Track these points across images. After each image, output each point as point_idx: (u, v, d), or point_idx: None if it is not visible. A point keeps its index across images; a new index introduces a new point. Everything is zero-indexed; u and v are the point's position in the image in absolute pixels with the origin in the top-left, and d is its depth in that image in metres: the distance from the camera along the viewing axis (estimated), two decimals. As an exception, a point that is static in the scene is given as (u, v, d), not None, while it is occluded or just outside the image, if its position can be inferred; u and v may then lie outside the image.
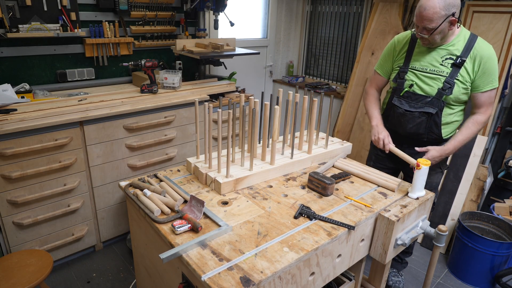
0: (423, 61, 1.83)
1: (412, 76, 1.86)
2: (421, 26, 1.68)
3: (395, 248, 1.46)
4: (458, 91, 1.77)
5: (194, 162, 1.67)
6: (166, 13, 3.08)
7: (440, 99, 1.78)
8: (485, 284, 2.37)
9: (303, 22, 4.45)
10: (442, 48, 1.79)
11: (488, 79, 1.74)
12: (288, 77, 4.36)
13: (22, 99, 2.26)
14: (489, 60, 1.72)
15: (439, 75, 1.78)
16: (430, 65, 1.80)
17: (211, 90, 2.83)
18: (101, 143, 2.28)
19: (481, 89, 1.76)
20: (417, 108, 1.84)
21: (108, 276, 2.34)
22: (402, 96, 1.89)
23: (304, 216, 1.36)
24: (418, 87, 1.84)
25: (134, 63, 2.52)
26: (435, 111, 1.80)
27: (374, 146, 2.14)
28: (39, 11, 2.46)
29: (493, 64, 1.73)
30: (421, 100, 1.83)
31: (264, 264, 1.10)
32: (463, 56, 1.74)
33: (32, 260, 1.75)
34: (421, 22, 1.67)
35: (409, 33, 1.91)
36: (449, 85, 1.75)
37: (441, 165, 1.99)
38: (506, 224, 2.41)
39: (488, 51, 1.73)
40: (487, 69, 1.73)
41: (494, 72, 1.74)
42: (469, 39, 1.76)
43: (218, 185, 1.49)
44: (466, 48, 1.74)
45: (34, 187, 2.09)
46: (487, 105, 1.79)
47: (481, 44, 1.75)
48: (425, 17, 1.64)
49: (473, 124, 1.81)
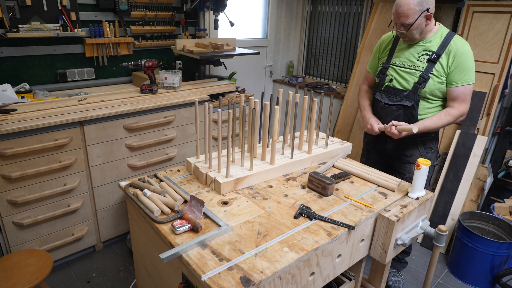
0: (402, 57, 1.94)
1: (392, 72, 1.97)
2: (399, 23, 1.80)
3: (395, 248, 1.46)
4: (433, 85, 1.86)
5: (194, 162, 1.67)
6: (166, 13, 3.08)
7: (415, 92, 1.88)
8: (485, 284, 2.37)
9: (303, 22, 4.45)
10: (419, 45, 1.89)
11: (461, 74, 1.82)
12: (288, 77, 4.36)
13: (22, 99, 2.26)
14: (463, 56, 1.80)
15: (416, 70, 1.89)
16: (408, 61, 1.92)
17: (211, 90, 2.83)
18: (101, 143, 2.28)
19: (455, 84, 1.84)
20: (395, 102, 1.95)
21: (108, 276, 2.34)
22: (383, 91, 2.01)
23: (304, 216, 1.36)
24: (397, 81, 1.95)
25: (134, 63, 2.52)
26: (411, 104, 1.90)
27: (365, 142, 2.25)
28: (39, 11, 2.46)
29: (467, 61, 1.81)
30: (399, 94, 1.94)
31: (264, 264, 1.10)
32: (439, 52, 1.83)
33: (32, 260, 1.75)
34: (398, 19, 1.79)
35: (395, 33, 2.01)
36: (424, 79, 1.85)
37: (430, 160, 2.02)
38: (506, 224, 2.41)
39: (463, 47, 1.81)
40: (461, 65, 1.80)
41: (468, 69, 1.81)
42: (446, 36, 1.85)
43: (218, 185, 1.49)
44: (442, 45, 1.83)
45: (34, 187, 2.09)
46: (461, 100, 1.86)
47: (457, 41, 1.83)
48: (401, 13, 1.75)
49: (444, 114, 1.87)
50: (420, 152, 2.03)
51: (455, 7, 2.85)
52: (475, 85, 2.74)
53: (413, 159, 2.02)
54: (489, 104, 2.71)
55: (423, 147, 2.02)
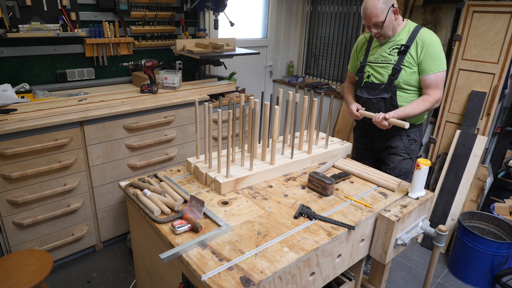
0: (376, 54, 2.06)
1: (369, 68, 2.09)
2: (371, 24, 1.91)
3: (395, 248, 1.46)
4: (406, 76, 1.96)
5: (194, 162, 1.67)
6: (166, 13, 3.08)
7: (391, 84, 1.99)
8: (485, 284, 2.37)
9: (303, 22, 4.45)
10: (389, 41, 2.01)
11: (432, 63, 1.91)
12: (288, 77, 4.36)
13: (22, 99, 2.26)
14: (431, 45, 1.90)
15: (388, 63, 2.00)
16: (381, 56, 2.04)
17: (211, 90, 2.83)
18: (101, 143, 2.28)
19: (426, 72, 1.93)
20: (374, 96, 2.06)
21: (108, 276, 2.34)
22: (362, 87, 2.12)
23: (304, 216, 1.36)
24: (374, 77, 2.07)
25: (134, 63, 2.52)
26: (389, 95, 2.01)
27: (354, 138, 2.38)
28: (39, 11, 2.46)
29: (435, 49, 1.91)
30: (376, 88, 2.05)
31: (264, 264, 1.10)
32: (407, 43, 1.94)
33: (32, 260, 1.75)
34: (369, 21, 1.90)
35: (366, 35, 2.15)
36: (397, 71, 1.97)
37: (410, 152, 2.14)
38: (506, 224, 2.41)
39: (430, 38, 1.92)
40: (430, 53, 1.90)
41: (437, 56, 1.91)
42: (413, 30, 1.96)
43: (218, 185, 1.49)
44: (411, 37, 1.95)
45: (34, 187, 2.09)
46: (434, 87, 1.94)
47: (424, 32, 1.94)
48: (371, 14, 1.87)
49: (422, 101, 1.96)
50: (404, 143, 2.11)
51: (455, 7, 2.85)
52: (475, 85, 2.76)
53: (398, 151, 2.12)
54: (489, 104, 2.71)
55: (407, 138, 2.11)
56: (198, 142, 1.69)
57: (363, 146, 2.28)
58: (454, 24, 2.88)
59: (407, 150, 2.12)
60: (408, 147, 2.11)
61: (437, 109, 2.98)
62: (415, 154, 2.16)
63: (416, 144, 2.14)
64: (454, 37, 2.81)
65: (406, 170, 2.15)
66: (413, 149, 2.14)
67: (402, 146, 2.11)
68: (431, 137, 3.03)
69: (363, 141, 2.26)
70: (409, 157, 2.14)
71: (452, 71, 2.84)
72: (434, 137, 3.01)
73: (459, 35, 2.78)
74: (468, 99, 2.79)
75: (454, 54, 2.82)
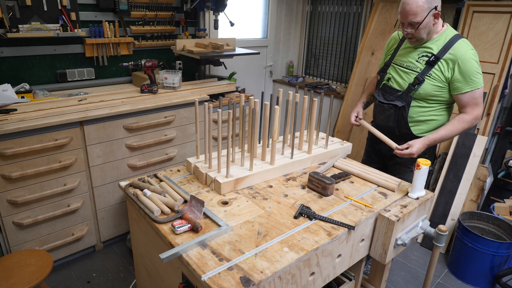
0: (403, 56, 1.93)
1: (391, 70, 1.97)
2: (407, 22, 1.73)
3: (395, 248, 1.46)
4: (428, 87, 1.82)
5: (194, 162, 1.67)
6: (166, 13, 3.08)
7: (409, 94, 1.86)
8: (485, 284, 2.37)
9: (303, 22, 4.45)
10: (421, 46, 1.85)
11: (467, 80, 1.75)
12: (288, 77, 4.36)
13: (22, 99, 2.26)
14: (467, 62, 1.73)
15: (413, 71, 1.86)
16: (407, 61, 1.90)
17: (211, 90, 2.83)
18: (101, 143, 2.28)
19: (461, 90, 1.78)
20: (388, 100, 1.95)
21: (108, 276, 2.34)
22: (380, 89, 2.02)
23: (304, 216, 1.36)
24: (394, 80, 1.94)
25: (134, 63, 2.52)
26: (402, 104, 1.89)
27: (367, 139, 2.30)
28: (39, 11, 2.46)
29: (471, 66, 1.73)
30: (393, 94, 1.94)
31: (264, 264, 1.10)
32: (438, 55, 1.78)
33: (32, 260, 1.75)
34: (406, 18, 1.72)
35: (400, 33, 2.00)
36: (418, 81, 1.82)
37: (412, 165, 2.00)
38: (506, 224, 2.41)
39: (466, 53, 1.73)
40: (465, 71, 1.74)
41: (473, 73, 1.74)
42: (450, 39, 1.78)
43: (218, 185, 1.49)
44: (444, 48, 1.77)
45: (34, 187, 2.09)
46: (472, 106, 1.80)
47: (460, 45, 1.75)
48: (410, 11, 1.69)
49: (458, 122, 1.83)
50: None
51: (455, 7, 2.85)
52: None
53: (406, 162, 2.00)
54: (489, 104, 2.71)
55: None
56: (198, 142, 1.69)
57: (373, 150, 2.21)
58: (454, 24, 2.88)
59: (407, 164, 2.01)
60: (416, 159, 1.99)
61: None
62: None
63: (426, 157, 1.93)
64: (454, 37, 2.81)
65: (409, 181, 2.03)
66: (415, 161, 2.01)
67: (411, 158, 1.93)
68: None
69: (374, 145, 2.17)
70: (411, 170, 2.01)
71: (452, 71, 2.84)
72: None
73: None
74: (468, 99, 2.79)
75: (454, 54, 2.82)
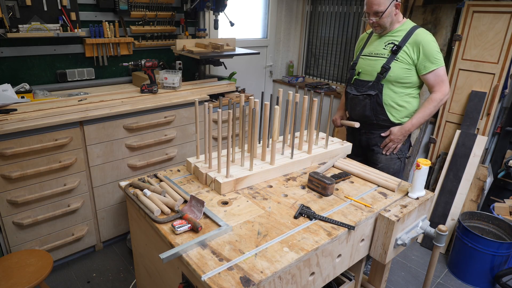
0: (371, 47, 2.11)
1: (361, 63, 2.13)
2: (372, 11, 1.95)
3: (395, 248, 1.46)
4: (397, 70, 1.98)
5: (194, 162, 1.67)
6: (166, 13, 3.08)
7: (379, 82, 2.03)
8: (485, 284, 2.37)
9: (303, 22, 4.44)
10: (387, 35, 2.05)
11: (430, 59, 1.94)
12: (288, 77, 4.36)
13: (22, 99, 2.26)
14: (428, 44, 1.93)
15: (381, 57, 2.04)
16: (375, 49, 2.08)
17: (211, 90, 2.83)
18: (101, 143, 2.28)
19: (427, 69, 1.96)
20: (361, 92, 2.10)
21: (108, 276, 2.34)
22: (352, 84, 2.17)
23: (304, 216, 1.36)
24: (364, 72, 2.10)
25: (134, 63, 2.52)
26: (375, 93, 2.05)
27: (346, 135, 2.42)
28: (39, 11, 2.46)
29: (432, 47, 1.93)
30: (365, 85, 2.09)
31: (264, 264, 1.10)
32: (400, 44, 1.98)
33: (32, 260, 1.75)
34: (371, 8, 1.94)
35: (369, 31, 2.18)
36: (385, 69, 2.00)
37: (397, 152, 2.16)
38: (506, 224, 2.41)
39: (426, 37, 1.95)
40: (427, 52, 1.93)
41: (434, 54, 1.94)
42: (410, 29, 1.99)
43: (218, 185, 1.49)
44: (406, 36, 1.98)
45: (34, 187, 2.09)
46: (439, 83, 1.98)
47: (420, 32, 1.97)
48: (374, 1, 1.91)
49: (428, 103, 2.01)
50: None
51: (455, 7, 2.85)
52: (475, 85, 2.76)
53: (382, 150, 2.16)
54: (489, 104, 2.71)
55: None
56: (198, 142, 1.69)
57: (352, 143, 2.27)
58: (454, 24, 2.88)
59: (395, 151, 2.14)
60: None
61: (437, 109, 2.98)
62: (403, 155, 2.17)
63: (403, 145, 2.15)
64: (454, 37, 2.81)
65: (395, 170, 2.17)
66: (400, 149, 2.15)
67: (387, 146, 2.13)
68: (431, 137, 3.03)
69: (353, 139, 2.28)
70: (397, 157, 2.16)
71: (452, 71, 2.84)
72: (434, 137, 3.01)
73: (459, 35, 2.78)
74: (468, 99, 2.79)
75: (454, 54, 2.82)
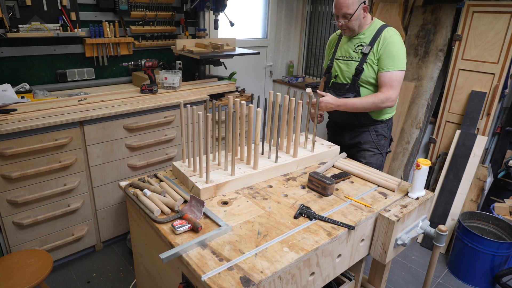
0: (343, 50, 2.11)
1: (336, 66, 2.14)
2: (341, 14, 1.95)
3: (395, 248, 1.46)
4: (368, 73, 1.99)
5: (179, 166, 1.61)
6: (166, 13, 3.08)
7: (355, 84, 2.04)
8: (485, 284, 2.37)
9: (303, 22, 4.44)
10: (356, 38, 2.05)
11: (389, 61, 1.93)
12: (288, 77, 4.36)
13: (22, 99, 2.26)
14: (391, 44, 1.93)
15: (352, 61, 2.05)
16: (346, 53, 2.08)
17: (211, 90, 2.83)
18: (101, 143, 2.28)
19: (382, 69, 1.95)
20: (340, 95, 2.09)
21: (108, 276, 2.34)
22: (330, 87, 2.17)
23: (304, 216, 1.36)
24: (340, 75, 2.11)
25: (134, 63, 2.52)
26: (353, 95, 2.05)
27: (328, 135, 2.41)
28: (39, 11, 2.46)
29: (395, 48, 1.93)
30: (342, 88, 2.10)
31: (264, 264, 1.10)
32: (371, 44, 1.98)
33: (32, 260, 1.75)
34: (340, 10, 1.94)
35: (338, 32, 2.19)
36: (359, 71, 2.00)
37: (379, 147, 2.19)
38: (506, 224, 2.41)
39: (391, 36, 1.94)
40: (389, 52, 1.93)
41: (395, 55, 1.92)
42: (378, 29, 1.99)
43: (197, 191, 1.45)
44: (374, 36, 1.98)
45: (34, 187, 2.09)
46: (387, 86, 1.95)
47: (387, 31, 1.97)
48: (343, 3, 1.91)
49: (371, 96, 1.99)
50: (372, 138, 2.16)
51: (455, 7, 2.85)
52: (475, 85, 2.76)
53: (367, 146, 2.18)
54: (489, 104, 2.71)
55: (375, 134, 2.15)
56: (184, 145, 1.64)
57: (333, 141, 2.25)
58: (454, 24, 2.88)
59: (376, 145, 2.17)
60: (377, 143, 2.16)
61: (437, 109, 2.99)
62: (384, 150, 2.22)
63: (385, 140, 2.19)
64: (454, 37, 2.81)
65: (377, 165, 2.21)
66: (382, 144, 2.19)
67: (371, 142, 2.16)
68: (431, 137, 3.03)
69: (335, 138, 2.29)
70: (379, 152, 2.20)
71: (452, 71, 2.84)
72: (434, 137, 3.01)
73: (459, 35, 2.78)
74: (468, 99, 2.79)
75: (454, 54, 2.82)
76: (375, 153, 2.19)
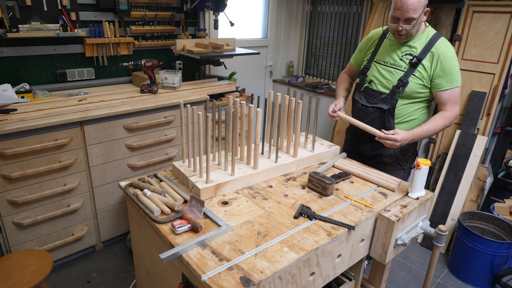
0: (386, 54, 1.90)
1: (373, 71, 1.94)
2: (404, 18, 1.70)
3: (395, 248, 1.46)
4: (413, 86, 1.82)
5: (179, 166, 1.62)
6: (166, 13, 3.08)
7: (393, 96, 1.85)
8: (485, 284, 2.37)
9: (303, 22, 4.45)
10: (405, 44, 1.85)
11: (448, 78, 1.78)
12: (288, 77, 4.36)
13: (22, 99, 2.26)
14: (448, 59, 1.76)
15: (397, 69, 1.85)
16: (391, 59, 1.88)
17: (211, 90, 2.83)
18: (101, 143, 2.28)
19: (442, 87, 1.80)
20: (372, 104, 1.92)
21: (108, 276, 2.34)
22: (362, 92, 1.99)
23: (304, 216, 1.36)
24: (376, 82, 1.92)
25: (134, 63, 2.52)
26: (387, 107, 1.87)
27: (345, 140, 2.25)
28: (39, 11, 2.46)
29: (452, 64, 1.77)
30: (377, 96, 1.91)
31: (264, 264, 1.10)
32: (420, 56, 1.79)
33: (32, 260, 1.75)
34: (406, 13, 1.68)
35: (381, 30, 1.96)
36: (403, 84, 1.82)
37: (402, 164, 2.02)
38: (506, 224, 2.41)
39: (447, 51, 1.77)
40: (446, 68, 1.77)
41: (454, 72, 1.77)
42: (431, 38, 1.80)
43: (198, 191, 1.45)
44: (426, 47, 1.79)
45: (34, 187, 2.09)
46: (452, 103, 1.82)
47: (441, 43, 1.79)
48: (410, 7, 1.65)
49: (440, 118, 1.83)
50: (396, 153, 1.99)
51: (455, 7, 2.85)
52: (475, 85, 2.76)
53: (389, 160, 2.01)
54: (489, 104, 2.71)
55: (399, 148, 1.95)
56: (184, 145, 1.64)
57: (353, 150, 2.13)
58: (454, 24, 2.88)
59: (399, 161, 2.00)
60: (400, 158, 1.99)
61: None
62: (408, 165, 2.04)
63: (409, 156, 2.02)
64: (454, 37, 2.81)
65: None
66: (406, 160, 2.02)
67: (393, 156, 1.98)
68: (431, 137, 3.03)
69: (355, 146, 2.12)
70: (401, 168, 2.03)
71: (452, 71, 2.84)
72: (434, 137, 3.01)
73: (459, 35, 2.78)
74: (468, 99, 2.79)
75: (454, 54, 2.82)
76: (397, 169, 2.01)
